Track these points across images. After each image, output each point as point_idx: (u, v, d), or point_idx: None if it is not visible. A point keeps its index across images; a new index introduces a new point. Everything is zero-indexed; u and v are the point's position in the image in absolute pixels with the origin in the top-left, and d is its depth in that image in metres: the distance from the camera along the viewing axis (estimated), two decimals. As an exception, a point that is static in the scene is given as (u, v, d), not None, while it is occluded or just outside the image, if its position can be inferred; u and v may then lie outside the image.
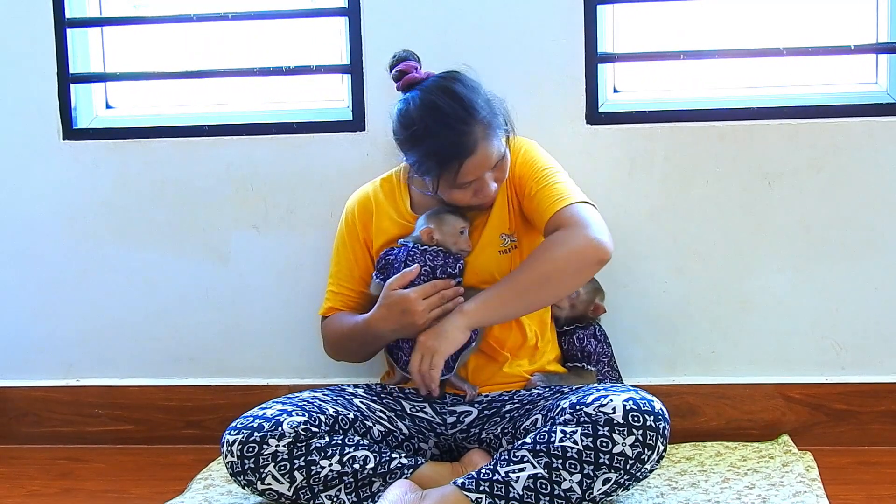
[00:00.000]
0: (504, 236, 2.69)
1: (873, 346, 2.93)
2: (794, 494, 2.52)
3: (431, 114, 2.53)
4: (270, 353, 3.11)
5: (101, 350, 3.16)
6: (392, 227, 2.73)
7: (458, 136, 2.51)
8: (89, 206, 3.11)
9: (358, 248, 2.78)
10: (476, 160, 2.53)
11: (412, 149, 2.57)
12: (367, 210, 2.77)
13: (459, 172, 2.53)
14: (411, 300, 2.57)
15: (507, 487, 2.34)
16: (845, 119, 2.87)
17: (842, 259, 2.91)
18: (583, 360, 2.79)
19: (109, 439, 3.15)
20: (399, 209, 2.75)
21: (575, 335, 2.80)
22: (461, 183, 2.56)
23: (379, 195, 2.78)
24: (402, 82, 2.63)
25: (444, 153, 2.52)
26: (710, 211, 2.93)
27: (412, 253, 2.64)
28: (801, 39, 2.94)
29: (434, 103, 2.54)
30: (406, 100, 2.59)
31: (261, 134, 3.04)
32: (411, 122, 2.55)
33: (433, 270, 2.62)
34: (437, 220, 2.65)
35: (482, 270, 2.68)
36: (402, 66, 2.64)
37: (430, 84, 2.59)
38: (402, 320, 2.59)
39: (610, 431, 2.34)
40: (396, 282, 2.61)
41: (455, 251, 2.65)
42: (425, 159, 2.55)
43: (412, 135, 2.55)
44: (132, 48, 3.20)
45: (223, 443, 2.50)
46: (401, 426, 2.67)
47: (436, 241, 2.64)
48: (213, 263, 3.09)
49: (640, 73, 3.05)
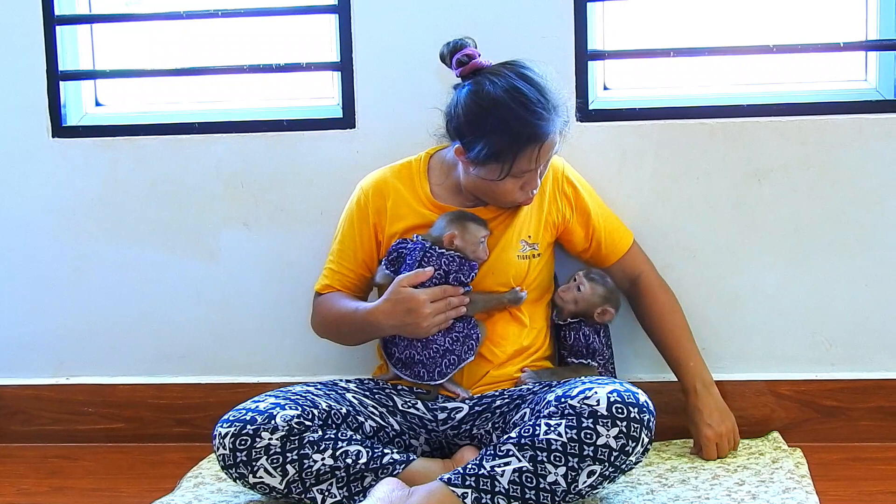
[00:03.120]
0: (524, 242, 2.78)
1: (863, 343, 2.97)
2: (784, 491, 2.56)
3: (513, 96, 2.58)
4: (261, 351, 3.15)
5: (92, 348, 3.19)
6: (410, 214, 2.78)
7: (539, 119, 2.57)
8: (79, 204, 3.15)
9: (366, 231, 2.81)
10: (548, 146, 2.61)
11: (487, 131, 2.59)
12: (383, 194, 2.81)
13: (536, 157, 2.60)
14: (420, 302, 2.62)
15: (493, 481, 2.38)
16: (835, 116, 2.91)
17: (832, 255, 2.96)
18: (587, 356, 2.82)
19: (100, 437, 3.18)
20: (419, 196, 2.79)
21: (580, 331, 2.83)
22: (526, 171, 2.62)
23: (396, 181, 2.81)
24: (468, 67, 2.66)
25: (526, 134, 2.57)
26: (700, 208, 2.98)
27: (429, 254, 2.68)
28: (791, 37, 2.98)
29: (515, 86, 2.59)
30: (478, 82, 2.62)
31: (251, 131, 3.09)
32: (491, 104, 2.58)
33: (446, 275, 2.67)
34: (461, 226, 2.69)
35: (500, 272, 2.76)
36: (466, 51, 2.66)
37: (503, 69, 2.64)
38: (405, 319, 2.64)
39: (594, 424, 2.38)
40: (408, 280, 2.65)
41: (472, 259, 2.70)
42: (503, 142, 2.57)
43: (490, 116, 2.58)
44: (122, 45, 3.23)
45: (215, 435, 2.53)
46: (392, 422, 2.71)
47: (456, 246, 2.68)
48: (203, 261, 3.14)
49: (630, 71, 3.10)
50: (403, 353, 2.73)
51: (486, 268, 2.74)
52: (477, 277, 2.72)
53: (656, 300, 2.91)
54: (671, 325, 2.90)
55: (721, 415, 2.83)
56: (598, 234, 2.87)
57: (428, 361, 2.70)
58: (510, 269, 2.76)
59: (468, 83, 2.65)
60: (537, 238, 2.80)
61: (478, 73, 2.65)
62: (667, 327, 2.90)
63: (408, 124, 2.96)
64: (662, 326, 2.91)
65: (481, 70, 2.65)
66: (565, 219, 2.84)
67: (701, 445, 2.82)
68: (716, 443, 2.80)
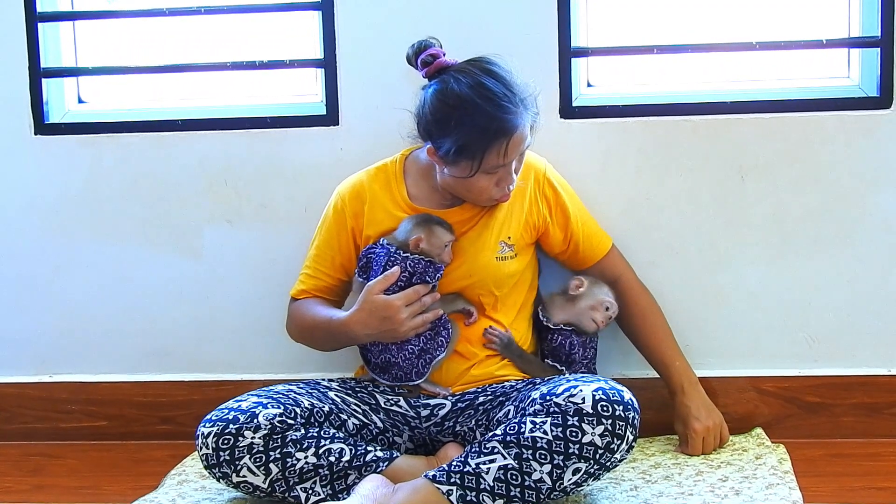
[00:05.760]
0: (503, 244, 2.79)
1: (846, 339, 3.01)
2: (767, 487, 2.60)
3: (478, 92, 2.60)
4: (244, 349, 3.17)
5: (75, 346, 3.21)
6: (387, 218, 2.78)
7: (505, 112, 2.59)
8: (62, 202, 3.17)
9: (343, 236, 2.83)
10: (517, 140, 2.62)
11: (454, 129, 2.60)
12: (360, 199, 2.82)
13: (505, 151, 2.61)
14: (395, 308, 2.64)
15: (478, 479, 2.42)
16: (818, 113, 2.95)
17: (814, 252, 2.99)
18: (563, 364, 2.81)
19: (83, 435, 3.20)
20: (396, 199, 2.80)
21: (568, 339, 2.83)
22: (497, 166, 2.63)
23: (374, 185, 2.82)
24: (433, 67, 2.68)
25: (493, 129, 2.58)
26: (683, 204, 3.01)
27: (393, 257, 2.69)
28: (775, 34, 3.01)
29: (480, 82, 2.61)
30: (444, 81, 2.64)
31: (234, 128, 3.11)
32: (457, 101, 2.60)
33: (410, 277, 2.68)
34: (427, 230, 2.70)
35: (477, 273, 2.78)
36: (430, 51, 2.68)
37: (468, 66, 2.66)
38: (381, 327, 2.66)
39: (579, 421, 2.41)
40: (378, 285, 2.66)
41: (437, 262, 2.71)
42: (471, 138, 2.59)
43: (456, 114, 2.60)
44: (104, 42, 3.25)
45: (198, 435, 2.56)
46: (375, 419, 2.74)
47: (421, 249, 2.69)
48: (186, 258, 3.16)
49: (614, 68, 3.12)
50: (379, 357, 2.75)
51: (463, 270, 2.77)
52: (453, 280, 2.76)
53: (637, 302, 2.95)
54: (654, 327, 2.95)
55: (708, 410, 2.88)
56: (575, 238, 2.89)
57: (404, 364, 2.72)
58: (487, 272, 2.78)
59: (434, 83, 2.67)
60: (517, 239, 2.82)
61: (443, 72, 2.67)
62: (650, 329, 2.95)
63: (392, 121, 2.89)
64: (645, 328, 2.95)
65: (447, 69, 2.67)
66: (545, 220, 2.86)
67: (688, 440, 2.86)
68: (703, 437, 2.85)
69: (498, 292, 2.81)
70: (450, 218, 2.78)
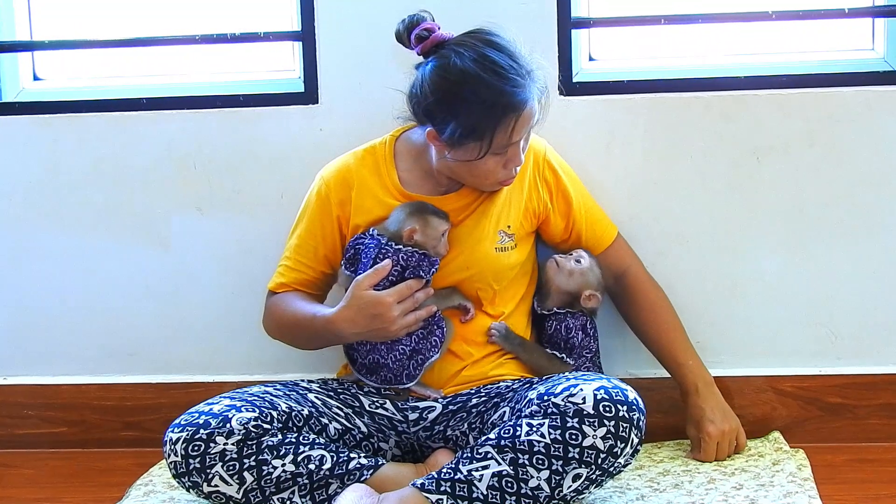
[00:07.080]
0: (503, 233, 2.76)
1: (871, 335, 2.99)
2: (785, 495, 2.57)
3: (483, 65, 2.56)
4: (216, 348, 3.16)
5: (31, 344, 3.20)
6: (376, 206, 2.76)
7: (514, 86, 2.56)
8: (16, 188, 3.15)
9: (328, 225, 2.80)
10: (527, 115, 2.59)
11: (459, 108, 2.56)
12: (347, 184, 2.79)
13: (514, 128, 2.57)
14: (387, 305, 2.61)
15: (470, 487, 2.39)
16: (840, 88, 2.93)
17: (837, 240, 2.97)
18: (563, 351, 2.80)
19: (41, 442, 3.19)
20: (386, 185, 2.77)
21: (563, 323, 2.81)
22: (506, 145, 2.59)
23: (362, 169, 2.80)
24: (429, 42, 2.63)
25: (501, 104, 2.55)
26: (695, 189, 2.99)
27: (384, 250, 2.67)
28: (792, 2, 2.99)
29: (483, 54, 2.57)
30: (443, 56, 2.60)
31: (204, 107, 3.09)
32: (460, 76, 2.56)
33: (403, 271, 2.65)
34: (422, 220, 2.67)
35: (475, 265, 2.74)
36: (425, 25, 2.64)
37: (468, 39, 2.62)
38: (371, 325, 2.63)
39: (580, 423, 2.38)
40: (368, 280, 2.63)
41: (432, 255, 2.68)
42: (479, 116, 2.55)
43: (461, 90, 2.56)
44: (62, 14, 3.23)
45: (166, 441, 2.52)
46: (359, 423, 2.71)
47: (415, 241, 2.66)
48: (153, 249, 3.14)
49: (618, 40, 3.11)
50: (367, 357, 2.72)
51: (459, 262, 2.74)
52: (448, 273, 2.72)
53: (647, 297, 2.93)
54: (665, 323, 2.92)
55: (724, 413, 2.85)
56: (578, 226, 2.87)
57: (394, 365, 2.70)
58: (486, 264, 2.75)
59: (432, 59, 2.63)
60: (517, 228, 2.79)
61: (441, 47, 2.63)
62: (660, 325, 2.92)
63: (376, 99, 2.94)
64: (656, 324, 2.93)
65: (444, 43, 2.63)
66: (546, 207, 2.83)
67: (701, 444, 2.83)
68: (717, 441, 2.81)
69: (497, 286, 2.79)
70: (445, 206, 2.74)
